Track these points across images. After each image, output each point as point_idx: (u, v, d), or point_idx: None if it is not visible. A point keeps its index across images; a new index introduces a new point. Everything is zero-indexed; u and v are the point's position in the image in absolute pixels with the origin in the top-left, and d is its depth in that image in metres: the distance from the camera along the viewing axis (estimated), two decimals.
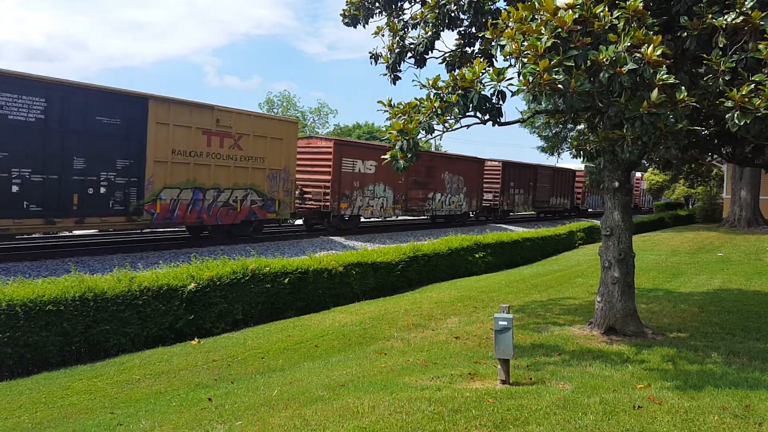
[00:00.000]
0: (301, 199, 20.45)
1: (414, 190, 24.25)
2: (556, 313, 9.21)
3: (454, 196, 26.67)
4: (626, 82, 4.76)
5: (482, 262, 15.89)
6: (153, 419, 4.93)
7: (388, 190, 22.81)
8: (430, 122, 5.90)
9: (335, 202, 20.32)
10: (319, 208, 20.29)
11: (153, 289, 8.38)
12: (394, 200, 23.07)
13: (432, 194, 25.22)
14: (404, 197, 23.63)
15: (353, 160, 21.15)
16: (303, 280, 10.62)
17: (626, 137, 5.33)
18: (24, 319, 7.07)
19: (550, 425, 4.01)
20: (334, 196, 20.25)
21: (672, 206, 39.80)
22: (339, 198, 20.43)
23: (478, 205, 28.56)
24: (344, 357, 7.25)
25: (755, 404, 4.52)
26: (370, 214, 22.09)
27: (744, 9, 5.09)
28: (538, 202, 34.22)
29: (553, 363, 6.15)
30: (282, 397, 5.11)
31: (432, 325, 8.79)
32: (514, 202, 31.92)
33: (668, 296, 10.63)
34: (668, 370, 5.88)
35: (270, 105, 59.98)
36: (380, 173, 22.15)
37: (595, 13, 4.96)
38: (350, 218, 21.30)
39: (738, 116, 4.84)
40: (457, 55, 8.52)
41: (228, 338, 8.55)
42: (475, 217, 30.47)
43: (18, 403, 5.90)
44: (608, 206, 7.64)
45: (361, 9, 8.50)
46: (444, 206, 26.10)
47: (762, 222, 25.68)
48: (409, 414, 4.20)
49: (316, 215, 20.77)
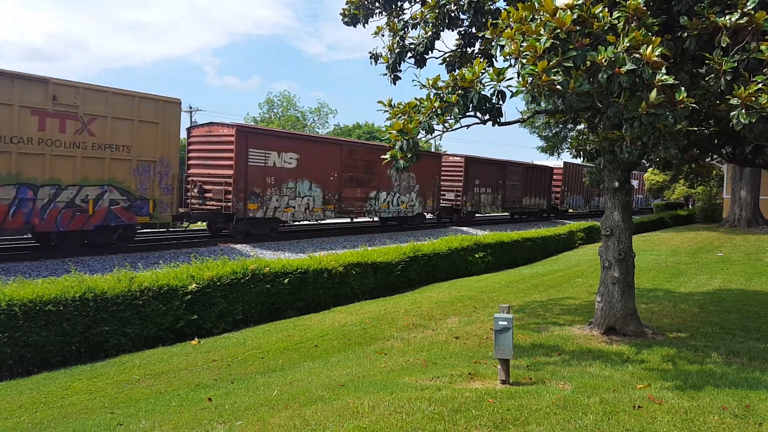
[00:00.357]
0: (201, 198, 17.55)
1: (350, 187, 21.07)
2: (556, 313, 9.21)
3: (404, 196, 23.72)
4: (625, 82, 4.76)
5: (482, 262, 15.89)
6: (153, 419, 4.93)
7: (316, 188, 19.63)
8: (430, 122, 5.91)
9: (240, 203, 17.06)
10: (220, 209, 17.04)
11: (153, 289, 8.38)
12: (324, 200, 19.93)
13: (375, 193, 22.14)
14: (337, 196, 20.49)
15: (265, 151, 17.82)
16: (303, 280, 10.62)
17: (626, 137, 5.33)
18: (24, 319, 7.07)
19: (550, 425, 4.01)
20: (238, 195, 16.98)
21: (672, 206, 39.79)
22: (245, 197, 17.17)
23: (435, 205, 25.67)
24: (344, 357, 7.25)
25: (755, 404, 4.53)
26: (291, 217, 18.83)
27: (746, 9, 5.09)
28: (508, 202, 31.27)
29: (553, 363, 6.15)
30: (282, 397, 5.11)
31: (432, 325, 8.79)
32: (480, 203, 28.81)
33: (668, 296, 10.63)
34: (668, 370, 5.88)
35: (270, 105, 60.00)
36: (304, 168, 19.09)
37: (595, 13, 4.96)
38: (265, 222, 18.14)
39: (743, 115, 4.84)
40: (457, 55, 8.52)
41: (228, 338, 8.56)
42: (437, 219, 28.35)
43: (18, 403, 5.90)
44: (608, 206, 7.64)
45: (361, 8, 8.50)
46: (391, 207, 23.12)
47: (762, 222, 25.68)
48: (409, 414, 4.20)
49: (220, 218, 17.44)
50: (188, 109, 47.37)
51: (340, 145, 21.20)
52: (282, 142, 18.65)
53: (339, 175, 20.51)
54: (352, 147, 21.71)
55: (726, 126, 5.44)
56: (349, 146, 21.63)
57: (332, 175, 20.23)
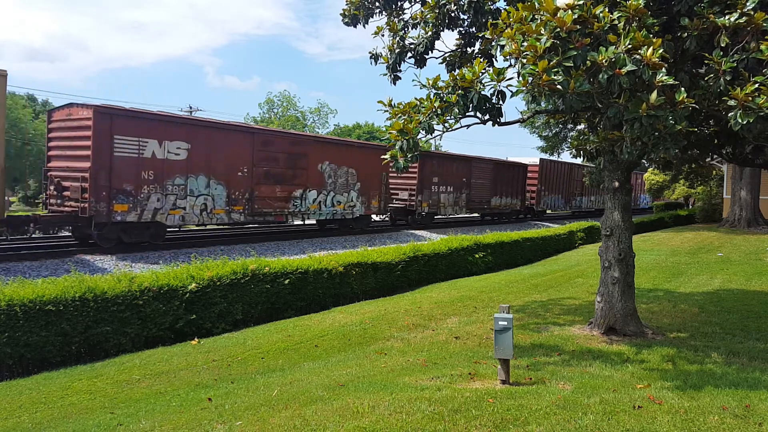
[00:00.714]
0: (60, 198, 14.23)
1: (266, 185, 17.67)
2: (556, 313, 9.21)
3: (341, 195, 20.41)
4: (625, 83, 4.76)
5: (482, 262, 15.89)
6: (153, 419, 4.93)
7: (217, 186, 16.19)
8: (430, 122, 5.91)
9: (101, 203, 13.61)
10: (76, 211, 13.68)
11: (153, 289, 8.38)
12: (228, 199, 16.48)
13: (301, 192, 18.84)
14: (248, 195, 17.09)
15: (140, 139, 14.25)
16: (303, 280, 10.62)
17: (626, 138, 5.34)
18: (24, 319, 7.08)
19: (550, 425, 4.01)
20: (98, 194, 13.52)
21: (672, 206, 39.77)
22: (110, 196, 13.75)
23: (383, 206, 22.41)
24: (344, 357, 7.25)
25: (755, 404, 4.53)
26: (181, 220, 15.31)
27: (746, 9, 5.10)
28: (474, 202, 28.16)
29: (553, 363, 6.15)
30: (282, 397, 5.11)
31: (432, 325, 8.79)
32: (440, 203, 25.76)
33: (668, 296, 10.63)
34: (668, 370, 5.88)
35: (270, 105, 60.00)
36: (198, 160, 15.51)
37: (595, 13, 4.96)
38: (142, 227, 14.78)
39: (741, 115, 4.84)
40: (457, 55, 8.52)
41: (228, 338, 8.56)
42: (391, 222, 25.42)
43: (18, 403, 5.90)
44: (608, 206, 7.64)
45: (361, 9, 8.50)
46: (324, 208, 19.73)
47: (762, 222, 25.68)
48: (409, 414, 4.20)
49: (81, 222, 14.03)
50: (188, 108, 47.37)
51: (251, 134, 17.53)
52: (165, 128, 14.89)
53: (250, 170, 17.10)
54: (268, 136, 18.15)
55: (726, 126, 5.44)
56: (264, 135, 18.05)
57: (241, 169, 16.84)
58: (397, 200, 24.93)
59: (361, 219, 21.93)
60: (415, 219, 24.97)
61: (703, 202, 33.26)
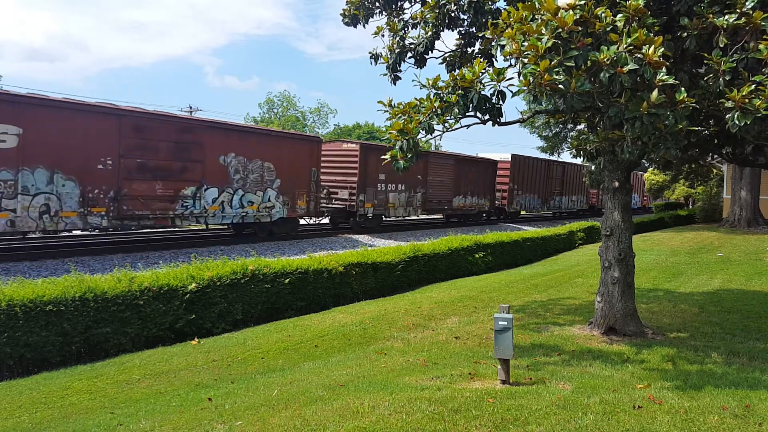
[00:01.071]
0: None
1: (141, 180, 14.24)
2: (556, 313, 9.21)
3: (254, 194, 17.16)
4: (626, 82, 4.77)
5: (482, 262, 15.89)
6: (153, 419, 4.93)
7: (65, 181, 12.83)
8: (430, 122, 5.91)
9: None
10: None
11: (153, 289, 8.38)
12: (83, 199, 13.15)
13: (194, 189, 15.45)
14: (113, 194, 13.69)
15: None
16: (303, 280, 10.62)
17: (626, 137, 5.34)
18: (24, 319, 7.08)
19: (550, 425, 4.01)
20: None
21: (672, 206, 39.76)
22: None
23: (312, 207, 19.15)
24: (344, 357, 7.25)
25: (755, 404, 4.53)
26: (9, 225, 11.97)
27: (745, 9, 5.10)
28: (432, 202, 25.17)
29: (553, 363, 6.15)
30: (282, 397, 5.11)
31: (432, 325, 8.79)
32: (388, 203, 22.60)
33: (668, 296, 10.63)
34: (668, 370, 5.88)
35: (270, 105, 60.04)
36: (36, 148, 12.28)
37: (597, 14, 4.96)
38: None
39: (738, 117, 4.85)
40: (457, 55, 8.52)
41: (228, 338, 8.56)
42: (333, 225, 22.67)
43: (18, 403, 5.90)
44: (608, 206, 7.64)
45: (361, 9, 8.50)
46: (228, 210, 16.41)
47: (762, 222, 25.69)
48: (409, 414, 4.20)
49: None
50: (188, 108, 47.39)
51: (117, 117, 13.85)
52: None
53: (116, 161, 13.70)
54: (142, 120, 14.44)
55: (725, 126, 5.44)
56: (137, 119, 14.32)
57: (102, 161, 13.48)
58: (337, 200, 21.76)
59: (285, 223, 18.57)
60: (357, 222, 21.73)
61: (703, 202, 33.28)
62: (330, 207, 21.93)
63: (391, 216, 23.29)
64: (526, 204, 32.32)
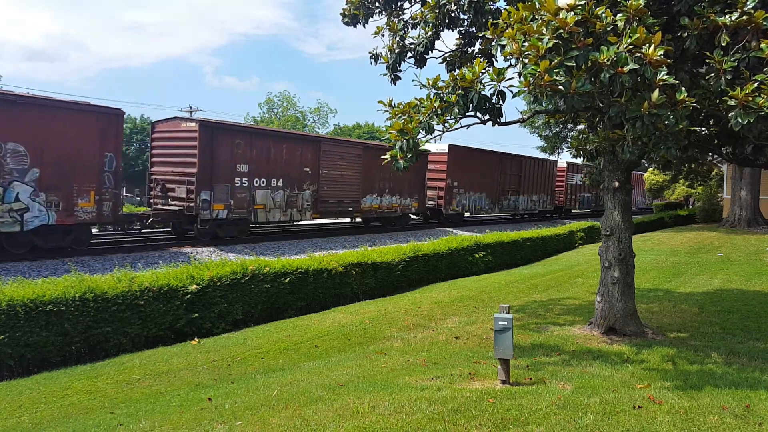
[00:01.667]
0: None
1: None
2: (556, 313, 9.21)
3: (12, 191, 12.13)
4: (627, 82, 4.77)
5: (482, 262, 15.89)
6: (153, 419, 4.93)
7: None
8: (430, 122, 5.91)
9: None
10: None
11: (153, 289, 8.38)
12: None
13: None
14: None
15: None
16: (303, 280, 10.62)
17: (627, 137, 5.34)
18: (24, 319, 7.08)
19: (550, 425, 4.01)
20: None
21: (672, 206, 39.75)
22: None
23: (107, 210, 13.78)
24: (344, 357, 7.25)
25: (755, 404, 4.53)
26: None
27: (746, 8, 5.10)
28: (328, 203, 19.81)
29: (553, 363, 6.15)
30: (282, 397, 5.11)
31: (432, 325, 8.79)
32: (253, 203, 17.29)
33: (668, 296, 10.63)
34: (668, 370, 5.88)
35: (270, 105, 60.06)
36: None
37: (597, 14, 4.96)
38: None
39: (741, 115, 4.85)
40: (457, 55, 8.52)
41: (228, 338, 8.56)
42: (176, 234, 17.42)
43: (18, 403, 5.90)
44: (608, 206, 7.64)
45: (361, 8, 8.50)
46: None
47: (762, 222, 25.69)
48: (409, 414, 4.20)
49: None
50: (188, 109, 47.38)
51: None
52: None
53: None
54: None
55: (726, 126, 5.44)
56: None
57: None
58: (174, 200, 16.51)
59: (50, 232, 13.18)
60: (203, 230, 16.42)
61: (703, 202, 33.28)
62: (165, 210, 16.74)
63: (261, 221, 17.96)
64: (470, 204, 26.93)
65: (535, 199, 32.69)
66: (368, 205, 21.61)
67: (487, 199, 28.17)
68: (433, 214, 26.17)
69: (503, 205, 29.85)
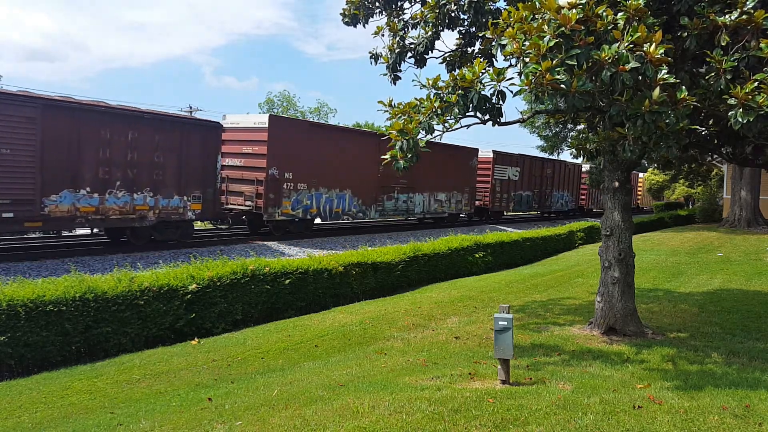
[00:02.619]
0: None
1: None
2: (556, 313, 9.21)
3: None
4: (628, 80, 4.76)
5: (482, 262, 15.89)
6: (153, 419, 4.93)
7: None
8: (430, 122, 5.90)
9: None
10: None
11: (153, 289, 8.38)
12: None
13: None
14: None
15: None
16: (303, 280, 10.61)
17: (627, 136, 5.33)
18: (25, 319, 7.08)
19: (550, 425, 4.00)
20: None
21: (672, 206, 39.75)
22: None
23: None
24: (344, 357, 7.24)
25: (755, 404, 4.52)
26: None
27: (746, 8, 5.11)
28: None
29: (553, 363, 6.15)
30: (282, 397, 5.10)
31: (432, 325, 8.79)
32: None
33: (668, 296, 10.62)
34: (668, 370, 5.88)
35: (270, 105, 60.04)
36: None
37: (598, 12, 4.96)
38: None
39: (741, 114, 4.85)
40: (457, 55, 8.52)
41: (228, 338, 8.55)
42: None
43: (18, 403, 5.90)
44: (608, 206, 7.64)
45: (361, 8, 8.50)
46: None
47: (762, 222, 25.69)
48: (409, 414, 4.20)
49: None
50: (188, 108, 47.38)
51: None
52: None
53: None
54: None
55: (726, 125, 5.44)
56: None
57: None
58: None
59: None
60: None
61: (703, 202, 33.29)
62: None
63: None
64: (321, 205, 19.37)
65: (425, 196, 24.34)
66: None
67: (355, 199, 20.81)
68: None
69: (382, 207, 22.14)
